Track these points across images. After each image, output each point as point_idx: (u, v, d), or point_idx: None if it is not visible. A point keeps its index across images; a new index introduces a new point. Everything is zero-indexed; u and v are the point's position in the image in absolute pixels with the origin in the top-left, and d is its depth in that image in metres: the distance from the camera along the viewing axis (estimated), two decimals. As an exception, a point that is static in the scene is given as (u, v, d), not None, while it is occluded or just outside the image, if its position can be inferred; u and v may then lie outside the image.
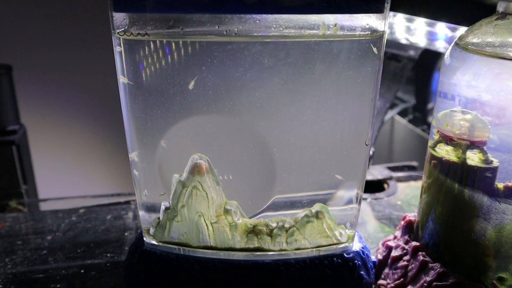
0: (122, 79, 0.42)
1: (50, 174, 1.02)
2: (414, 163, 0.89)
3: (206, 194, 0.42)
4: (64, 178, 1.03)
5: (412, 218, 0.49)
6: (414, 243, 0.46)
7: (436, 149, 0.47)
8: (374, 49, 0.39)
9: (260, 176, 0.42)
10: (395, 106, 1.26)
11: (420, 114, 1.20)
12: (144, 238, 0.46)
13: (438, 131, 0.47)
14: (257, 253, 0.43)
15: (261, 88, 0.39)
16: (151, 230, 0.45)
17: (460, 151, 0.41)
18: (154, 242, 0.45)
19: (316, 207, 0.44)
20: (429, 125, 1.16)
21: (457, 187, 0.41)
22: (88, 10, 1.00)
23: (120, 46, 0.39)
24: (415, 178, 0.80)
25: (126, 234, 0.61)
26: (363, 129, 0.42)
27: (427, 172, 0.46)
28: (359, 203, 0.45)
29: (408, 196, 0.74)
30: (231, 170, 0.42)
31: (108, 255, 0.56)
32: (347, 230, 0.45)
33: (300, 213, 0.43)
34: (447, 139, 0.45)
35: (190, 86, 0.38)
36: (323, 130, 0.41)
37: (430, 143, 0.48)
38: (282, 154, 0.41)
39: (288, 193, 0.43)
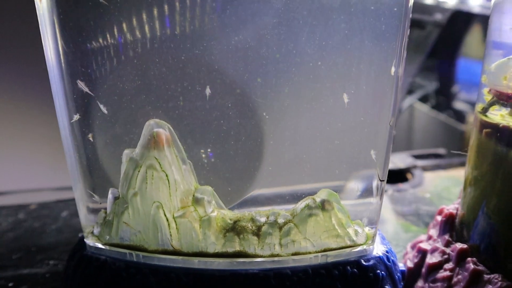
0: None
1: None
2: (441, 151, 0.82)
3: (167, 176, 0.36)
4: (17, 168, 0.94)
5: (453, 211, 0.42)
6: (459, 245, 0.39)
7: (488, 114, 0.38)
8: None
9: (245, 153, 0.36)
10: (413, 92, 1.17)
11: (444, 98, 1.09)
12: (86, 240, 0.39)
13: (490, 90, 0.38)
14: (239, 259, 0.36)
15: (251, 37, 0.33)
16: (95, 229, 0.39)
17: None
18: (98, 245, 0.39)
19: (322, 194, 0.37)
20: (454, 111, 1.06)
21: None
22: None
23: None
24: (445, 167, 0.75)
25: (81, 235, 0.50)
26: (383, 104, 0.36)
27: (473, 153, 0.39)
28: (381, 195, 0.38)
29: (438, 187, 0.68)
30: (204, 143, 0.36)
31: (51, 262, 0.49)
32: (365, 228, 0.39)
33: (300, 203, 0.37)
34: (505, 98, 0.36)
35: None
36: (332, 103, 0.35)
37: (478, 107, 0.40)
38: (277, 125, 0.36)
39: (283, 181, 0.38)
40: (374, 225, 0.38)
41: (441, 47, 1.04)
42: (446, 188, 0.68)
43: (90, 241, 0.39)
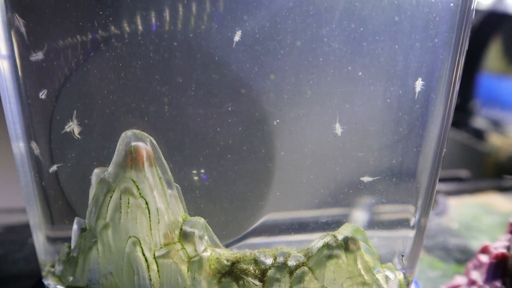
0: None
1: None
2: (463, 173, 0.77)
3: (147, 203, 0.32)
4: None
5: (504, 251, 0.38)
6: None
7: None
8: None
9: (249, 174, 0.33)
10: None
11: (462, 114, 1.06)
12: (45, 281, 0.36)
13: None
14: (238, 314, 0.32)
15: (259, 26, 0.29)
16: (57, 268, 0.35)
17: None
18: (60, 287, 0.35)
19: (345, 230, 0.33)
20: (474, 130, 1.02)
21: None
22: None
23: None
24: (470, 192, 0.71)
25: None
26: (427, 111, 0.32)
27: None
28: (422, 228, 0.35)
29: (466, 216, 0.63)
30: (196, 161, 0.33)
31: (7, 304, 0.45)
32: (397, 273, 0.35)
33: (316, 241, 0.33)
34: None
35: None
36: (358, 109, 0.32)
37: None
38: (291, 137, 0.32)
39: (293, 208, 0.34)
40: (412, 268, 0.34)
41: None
42: (475, 217, 0.64)
43: (49, 282, 0.35)
